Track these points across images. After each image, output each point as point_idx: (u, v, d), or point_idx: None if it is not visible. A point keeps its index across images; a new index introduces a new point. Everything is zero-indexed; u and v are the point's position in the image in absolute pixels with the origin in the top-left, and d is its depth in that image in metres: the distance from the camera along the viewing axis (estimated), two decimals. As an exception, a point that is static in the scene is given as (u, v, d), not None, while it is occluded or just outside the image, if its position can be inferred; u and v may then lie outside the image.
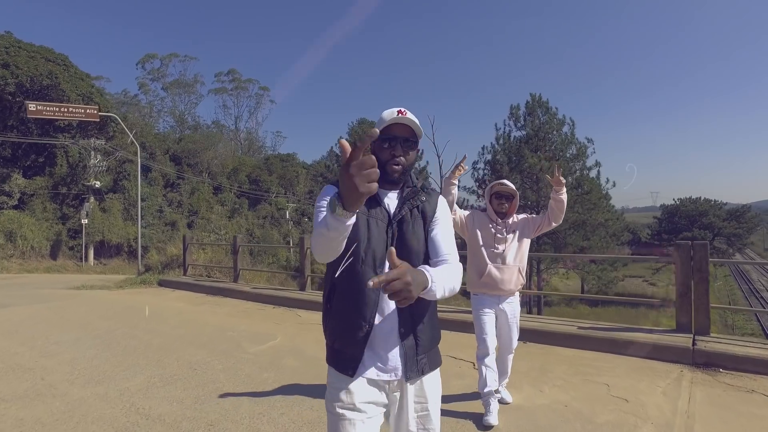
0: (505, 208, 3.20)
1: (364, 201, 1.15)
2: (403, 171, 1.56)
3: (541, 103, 29.65)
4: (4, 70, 23.89)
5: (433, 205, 1.62)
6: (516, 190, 3.22)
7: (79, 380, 3.98)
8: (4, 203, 25.94)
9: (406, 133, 1.54)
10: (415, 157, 1.61)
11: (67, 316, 6.94)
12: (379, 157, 1.54)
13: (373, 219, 1.51)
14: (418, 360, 1.50)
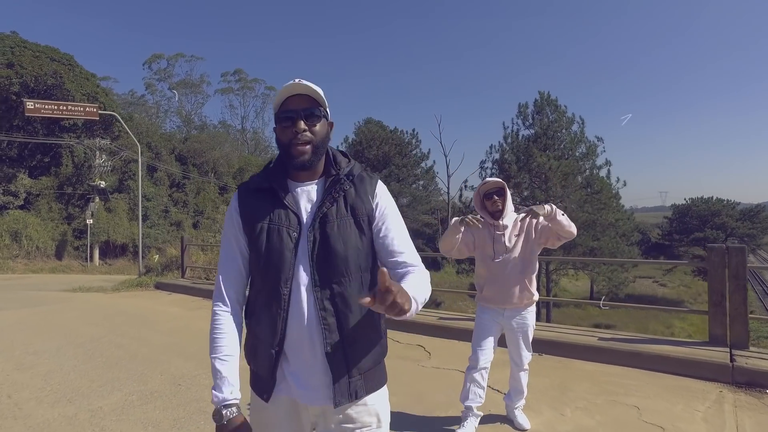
0: (499, 205, 2.86)
1: None
2: (314, 149, 1.29)
3: (549, 101, 29.16)
4: (8, 70, 23.80)
5: (365, 194, 1.33)
6: (503, 182, 2.91)
7: (48, 398, 3.61)
8: (10, 203, 25.86)
9: (306, 103, 1.29)
10: (326, 132, 1.33)
11: (54, 321, 6.60)
12: (281, 140, 1.30)
13: (274, 226, 1.28)
14: (350, 382, 1.27)
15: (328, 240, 1.26)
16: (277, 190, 1.31)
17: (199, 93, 51.27)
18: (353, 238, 1.29)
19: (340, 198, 1.31)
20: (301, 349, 1.26)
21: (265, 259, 1.27)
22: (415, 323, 5.79)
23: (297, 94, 1.29)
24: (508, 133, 29.15)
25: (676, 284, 43.29)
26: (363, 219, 1.31)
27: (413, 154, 38.26)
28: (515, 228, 2.87)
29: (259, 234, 1.29)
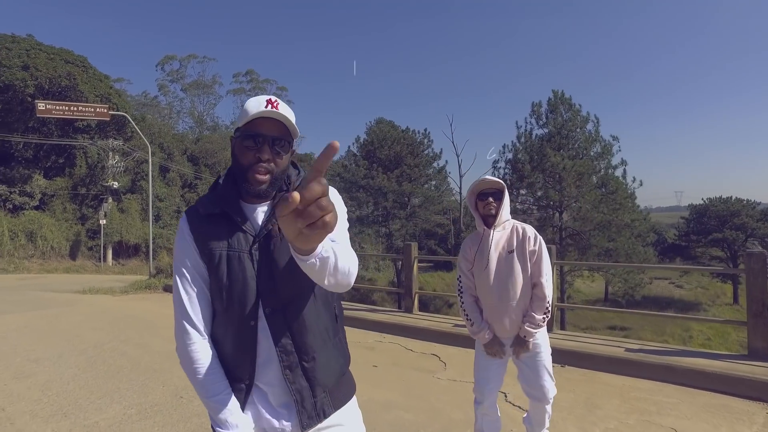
0: (492, 209, 2.37)
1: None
2: (272, 181, 1.19)
3: (564, 99, 28.71)
4: (24, 72, 23.97)
5: None
6: (503, 183, 2.40)
7: (44, 411, 3.43)
8: (26, 204, 26.08)
9: (276, 130, 1.19)
10: (287, 163, 1.24)
11: (59, 326, 6.47)
12: (240, 161, 1.20)
13: (233, 252, 1.18)
14: (316, 402, 1.22)
15: (270, 255, 1.18)
16: (231, 215, 1.20)
17: (211, 94, 51.45)
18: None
19: None
20: (269, 379, 1.21)
21: (228, 290, 1.18)
22: (429, 330, 5.54)
23: (269, 115, 1.17)
24: (521, 132, 28.76)
25: (693, 286, 42.30)
26: None
27: (425, 154, 37.94)
28: (506, 243, 2.36)
29: (219, 262, 1.18)
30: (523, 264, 2.31)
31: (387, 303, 25.36)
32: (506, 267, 2.32)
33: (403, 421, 3.28)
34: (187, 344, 1.19)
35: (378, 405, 3.55)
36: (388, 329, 5.90)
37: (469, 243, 2.48)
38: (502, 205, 2.38)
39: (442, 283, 33.74)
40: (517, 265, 2.31)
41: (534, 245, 2.32)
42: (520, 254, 2.32)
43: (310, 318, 1.22)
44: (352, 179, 34.56)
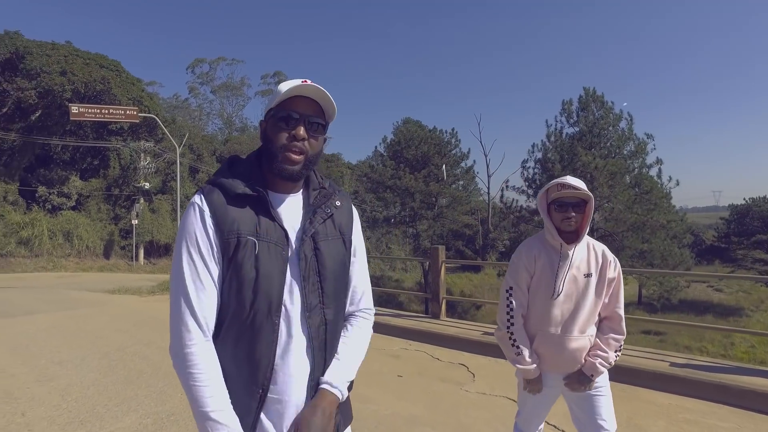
0: (572, 224, 1.92)
1: None
2: (306, 163, 1.13)
3: (595, 97, 27.94)
4: (62, 77, 24.75)
5: (348, 217, 1.23)
6: (588, 192, 1.93)
7: (61, 418, 3.36)
8: (63, 204, 26.97)
9: (313, 110, 1.13)
10: (321, 147, 1.17)
11: (85, 327, 6.51)
12: (273, 141, 1.11)
13: (264, 242, 1.07)
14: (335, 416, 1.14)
15: (325, 260, 1.12)
16: (265, 199, 1.09)
17: (239, 95, 52.27)
18: (344, 260, 1.17)
19: (330, 215, 1.17)
20: (290, 387, 1.08)
21: (254, 282, 1.05)
22: (457, 338, 5.31)
23: (305, 97, 1.12)
24: (551, 131, 28.14)
25: (734, 290, 40.44)
26: (347, 239, 1.20)
27: (453, 154, 37.54)
28: (587, 262, 1.97)
29: (243, 249, 1.05)
30: (599, 291, 1.95)
31: (414, 304, 25.10)
32: (581, 293, 1.93)
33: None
34: (187, 344, 1.02)
35: (402, 420, 3.35)
36: (414, 336, 5.69)
37: (534, 251, 2.00)
38: (586, 220, 1.94)
39: (470, 285, 33.25)
40: (592, 291, 1.94)
41: (614, 271, 1.97)
42: (599, 280, 1.95)
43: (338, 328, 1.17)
44: (379, 179, 34.46)
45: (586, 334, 1.94)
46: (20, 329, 6.36)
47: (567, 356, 1.93)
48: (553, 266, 1.94)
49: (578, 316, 1.93)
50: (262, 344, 1.06)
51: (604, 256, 1.97)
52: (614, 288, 1.97)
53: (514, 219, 31.47)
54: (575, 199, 1.92)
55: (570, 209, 1.90)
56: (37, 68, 23.82)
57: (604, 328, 1.99)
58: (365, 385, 4.00)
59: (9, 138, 25.31)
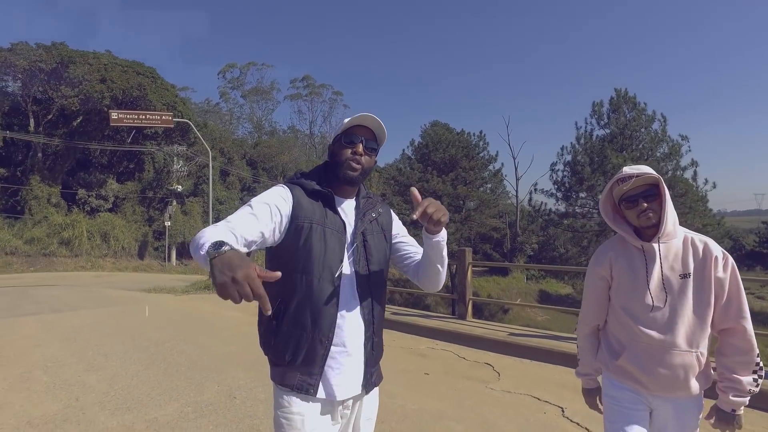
0: (651, 217, 1.60)
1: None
2: (362, 173, 1.48)
3: (627, 98, 27.36)
4: (102, 84, 25.84)
5: (389, 219, 1.61)
6: (656, 174, 1.65)
7: (110, 404, 3.61)
8: (101, 206, 28.08)
9: (369, 135, 1.49)
10: (373, 164, 1.53)
11: (124, 323, 6.86)
12: (338, 156, 1.48)
13: (330, 230, 1.41)
14: (373, 372, 1.47)
15: (371, 250, 1.47)
16: (332, 197, 1.45)
17: (269, 99, 53.27)
18: (385, 250, 1.53)
19: (376, 218, 1.54)
20: (348, 343, 1.39)
21: (322, 256, 1.36)
22: (483, 338, 5.39)
23: (365, 126, 1.47)
24: (580, 133, 27.67)
25: (777, 297, 38.79)
26: (388, 234, 1.57)
27: (480, 157, 37.34)
28: (683, 259, 1.62)
29: (314, 231, 1.38)
30: (704, 296, 1.59)
31: (441, 307, 25.07)
32: (677, 298, 1.59)
33: (440, 430, 3.18)
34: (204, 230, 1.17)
35: (428, 415, 3.47)
36: (440, 336, 5.80)
37: (610, 253, 1.74)
38: (664, 207, 1.59)
39: (497, 288, 32.96)
40: (692, 296, 1.59)
41: (724, 270, 1.59)
42: (701, 281, 1.60)
43: (382, 305, 1.51)
44: (407, 182, 34.56)
45: (691, 349, 1.59)
46: (67, 324, 6.76)
47: (663, 374, 1.60)
48: (634, 268, 1.66)
49: (677, 327, 1.59)
50: (328, 304, 1.35)
51: (707, 251, 1.60)
52: (729, 291, 1.59)
53: (542, 222, 31.03)
54: (643, 188, 1.63)
55: (641, 201, 1.61)
56: (79, 77, 24.93)
57: (726, 346, 1.62)
58: (392, 382, 4.14)
59: (53, 143, 26.54)
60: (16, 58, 24.35)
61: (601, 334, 1.81)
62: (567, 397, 3.81)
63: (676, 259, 1.61)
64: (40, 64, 24.90)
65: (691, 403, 1.62)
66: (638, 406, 1.67)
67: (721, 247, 1.63)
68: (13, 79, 26.03)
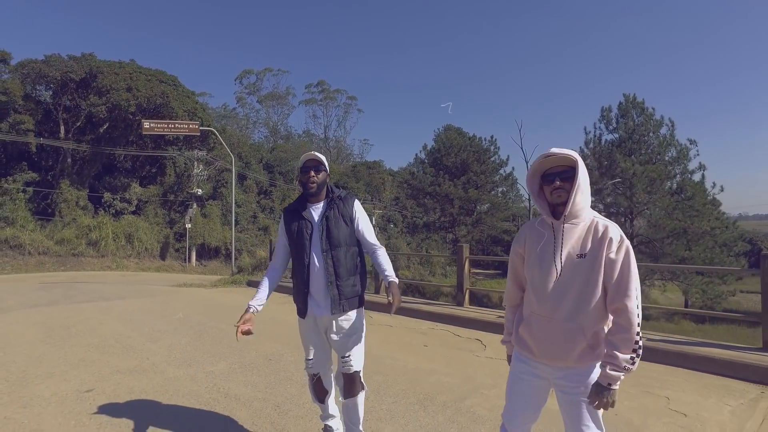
0: (563, 195, 1.77)
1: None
2: (318, 186, 2.53)
3: (636, 103, 27.85)
4: (127, 93, 27.23)
5: (349, 207, 2.59)
6: (576, 158, 1.76)
7: (174, 362, 4.62)
8: (125, 209, 29.43)
9: (314, 163, 2.53)
10: (325, 177, 2.57)
11: (167, 309, 7.91)
12: (301, 181, 2.56)
13: (299, 228, 2.55)
14: (341, 303, 2.49)
15: (332, 231, 2.51)
16: (300, 210, 2.60)
17: (284, 105, 54.60)
18: (342, 227, 2.53)
19: (336, 208, 2.55)
20: (318, 287, 2.50)
21: (295, 244, 2.57)
22: (476, 320, 6.29)
23: (312, 158, 2.55)
24: (589, 137, 28.24)
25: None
26: (347, 219, 2.56)
27: (492, 161, 38.04)
28: (584, 240, 1.76)
29: (294, 231, 2.58)
30: (593, 275, 1.72)
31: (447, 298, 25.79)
32: (571, 276, 1.75)
33: (442, 382, 4.10)
34: (270, 267, 2.71)
35: (423, 371, 4.39)
36: (440, 319, 6.71)
37: (526, 231, 1.94)
38: (575, 187, 1.73)
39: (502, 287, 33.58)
40: (586, 275, 1.73)
41: (617, 252, 1.70)
42: (593, 261, 1.72)
43: (342, 261, 2.52)
44: (419, 186, 35.42)
45: (576, 322, 1.74)
46: (120, 309, 7.84)
47: (550, 344, 1.78)
48: (540, 245, 1.83)
49: (566, 301, 1.75)
50: (305, 268, 2.52)
51: (605, 234, 1.72)
52: (620, 272, 1.69)
53: (551, 225, 31.43)
54: (562, 168, 1.78)
55: (556, 179, 1.76)
56: (106, 86, 26.33)
57: (613, 325, 1.73)
58: (398, 351, 5.08)
59: (81, 149, 27.99)
60: (49, 69, 25.83)
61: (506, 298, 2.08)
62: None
63: (578, 240, 1.75)
64: (71, 74, 26.38)
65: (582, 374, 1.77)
66: (529, 376, 1.88)
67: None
68: (45, 89, 27.57)
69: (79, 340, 5.57)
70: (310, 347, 2.64)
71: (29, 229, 25.17)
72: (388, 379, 4.13)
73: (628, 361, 1.64)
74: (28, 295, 10.13)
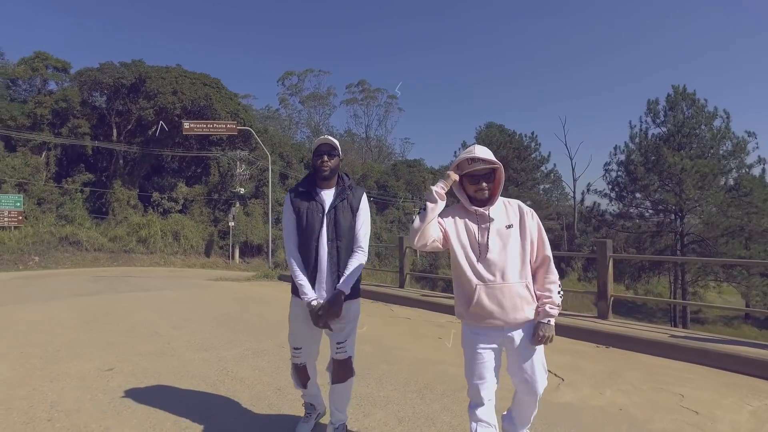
0: (486, 193, 2.14)
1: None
2: (331, 171, 2.52)
3: (685, 95, 26.38)
4: (173, 96, 28.50)
5: (357, 198, 2.58)
6: (496, 160, 2.13)
7: (192, 347, 4.82)
8: (172, 208, 30.77)
9: (329, 148, 2.51)
10: (337, 164, 2.55)
11: (200, 300, 8.25)
12: (315, 164, 2.53)
13: (310, 210, 2.50)
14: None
15: (340, 220, 2.50)
16: (311, 192, 2.55)
17: (326, 105, 55.39)
18: (349, 218, 2.53)
19: (346, 198, 2.54)
20: (323, 273, 2.48)
21: (305, 228, 2.51)
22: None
23: (326, 143, 2.52)
24: (634, 132, 27.02)
25: None
26: (354, 210, 2.54)
27: (532, 158, 37.19)
28: (506, 215, 2.18)
29: (304, 213, 2.51)
30: (523, 239, 2.13)
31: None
32: (507, 243, 2.11)
33: (447, 372, 4.07)
34: (291, 251, 2.55)
35: (430, 362, 4.38)
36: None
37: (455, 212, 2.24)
38: (498, 186, 2.16)
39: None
40: (517, 239, 2.13)
41: (532, 219, 2.17)
42: (521, 229, 2.15)
43: (345, 250, 2.51)
44: (457, 183, 35.07)
45: (522, 280, 2.09)
46: (154, 300, 8.26)
47: (508, 302, 2.06)
48: (473, 227, 2.15)
49: (511, 264, 2.09)
50: (312, 252, 2.48)
51: (521, 209, 2.19)
52: (537, 235, 2.15)
53: (596, 223, 30.37)
54: (485, 170, 2.12)
55: (481, 180, 2.12)
56: (154, 90, 27.63)
57: (538, 274, 2.15)
58: (410, 342, 5.09)
59: (132, 151, 29.50)
60: (103, 76, 27.41)
61: (454, 286, 2.25)
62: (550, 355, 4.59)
63: (501, 215, 2.16)
64: (122, 80, 27.86)
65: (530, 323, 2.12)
66: (490, 341, 2.12)
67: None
68: (100, 95, 29.25)
69: (111, 326, 5.91)
70: (299, 336, 2.64)
71: (86, 227, 26.81)
72: (393, 368, 4.14)
73: (558, 297, 2.11)
74: (78, 287, 10.82)
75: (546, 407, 3.19)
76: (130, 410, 3.16)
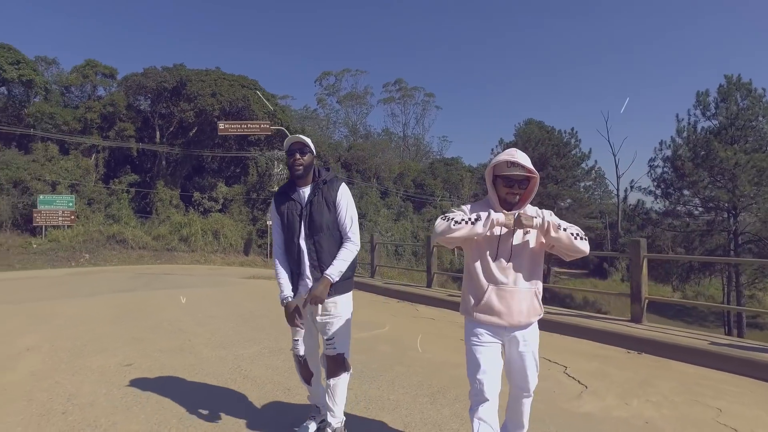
0: (516, 198, 2.13)
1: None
2: (305, 168, 2.52)
3: (740, 85, 24.77)
4: (212, 98, 29.27)
5: (333, 192, 2.55)
6: (534, 170, 2.15)
7: (211, 344, 4.86)
8: (212, 207, 31.63)
9: (300, 146, 2.53)
10: (311, 160, 2.56)
11: (228, 297, 8.37)
12: (288, 163, 2.56)
13: (288, 209, 2.55)
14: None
15: (315, 215, 2.49)
16: (290, 192, 2.60)
17: (363, 104, 55.57)
18: (325, 212, 2.51)
19: (320, 193, 2.53)
20: (304, 270, 2.51)
21: (287, 226, 2.56)
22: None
23: (297, 141, 2.54)
24: (682, 126, 25.62)
25: None
26: (330, 203, 2.54)
27: (572, 155, 36.02)
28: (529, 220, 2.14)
29: (285, 213, 2.57)
30: (539, 242, 2.14)
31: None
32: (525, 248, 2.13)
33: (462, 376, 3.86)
34: (275, 252, 2.60)
35: (448, 365, 4.23)
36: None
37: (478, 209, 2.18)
38: (529, 194, 2.17)
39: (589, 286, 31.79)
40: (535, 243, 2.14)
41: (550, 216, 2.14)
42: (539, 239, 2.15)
43: (325, 246, 2.51)
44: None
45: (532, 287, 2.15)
46: (186, 296, 8.42)
47: (516, 307, 2.10)
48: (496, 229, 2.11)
49: (525, 270, 2.13)
50: (295, 250, 2.52)
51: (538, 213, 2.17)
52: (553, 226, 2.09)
53: (640, 222, 29.08)
54: (522, 177, 2.11)
55: (516, 186, 2.11)
56: (194, 92, 28.48)
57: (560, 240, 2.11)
58: (431, 343, 4.95)
59: (174, 152, 30.54)
60: (147, 80, 28.48)
61: (463, 283, 2.27)
62: (570, 359, 4.35)
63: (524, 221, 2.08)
64: (165, 84, 28.86)
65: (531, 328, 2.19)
66: (492, 336, 2.14)
67: None
68: (144, 99, 30.41)
69: (138, 322, 6.06)
70: (296, 328, 2.62)
71: (131, 226, 27.93)
72: (408, 370, 4.02)
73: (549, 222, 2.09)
74: (118, 283, 11.25)
75: (563, 416, 3.00)
76: (140, 406, 3.18)
